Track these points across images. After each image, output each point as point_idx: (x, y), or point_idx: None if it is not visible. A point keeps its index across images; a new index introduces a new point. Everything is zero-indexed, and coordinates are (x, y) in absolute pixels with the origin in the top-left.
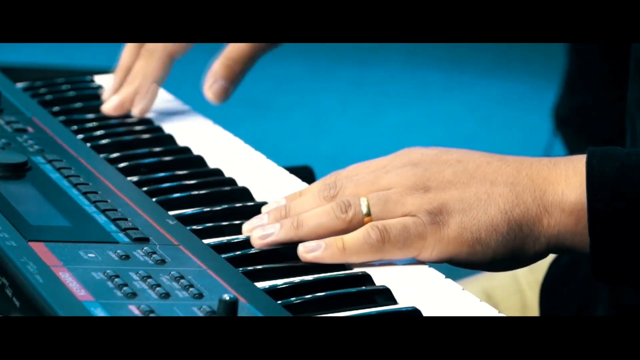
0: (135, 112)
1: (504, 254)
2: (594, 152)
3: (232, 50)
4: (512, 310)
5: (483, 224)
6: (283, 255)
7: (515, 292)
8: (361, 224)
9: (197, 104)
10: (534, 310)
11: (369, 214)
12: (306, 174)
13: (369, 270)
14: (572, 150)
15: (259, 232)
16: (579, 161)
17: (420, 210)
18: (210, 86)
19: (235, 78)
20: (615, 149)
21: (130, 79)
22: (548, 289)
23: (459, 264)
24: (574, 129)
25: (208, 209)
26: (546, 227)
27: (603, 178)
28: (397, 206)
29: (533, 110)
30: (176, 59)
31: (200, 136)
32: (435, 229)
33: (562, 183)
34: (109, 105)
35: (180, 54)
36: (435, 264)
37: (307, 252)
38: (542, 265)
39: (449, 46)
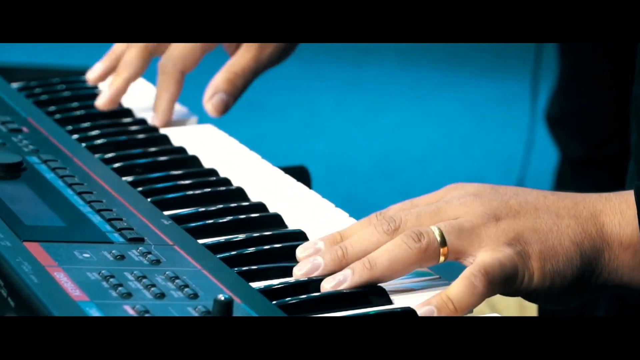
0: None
1: (574, 288)
2: None
3: (235, 64)
4: (510, 310)
5: (560, 256)
6: (279, 255)
7: None
8: (437, 253)
9: (193, 104)
10: (532, 311)
11: (444, 243)
12: (301, 174)
13: None
14: (564, 150)
15: (330, 282)
16: (630, 195)
17: (498, 242)
18: (210, 98)
19: (236, 92)
20: None
21: (119, 69)
22: None
23: (537, 299)
24: (566, 130)
25: (203, 209)
26: (607, 261)
27: None
28: (473, 235)
29: (529, 110)
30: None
31: (195, 136)
32: (522, 263)
33: (617, 216)
34: (101, 100)
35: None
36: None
37: (420, 314)
38: None
39: (445, 46)
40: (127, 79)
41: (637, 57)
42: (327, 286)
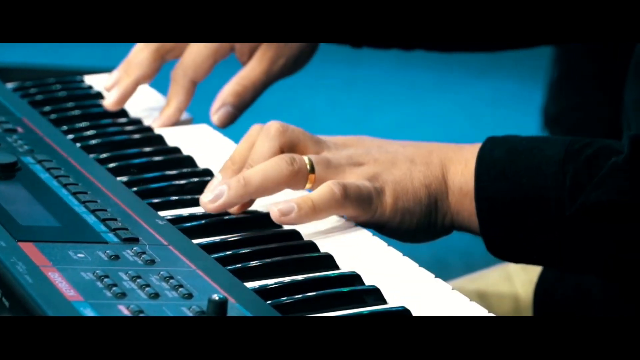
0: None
1: (422, 225)
2: (493, 138)
3: (245, 77)
4: (505, 310)
5: (410, 195)
6: (274, 254)
7: (509, 293)
8: (305, 179)
9: (191, 105)
10: (527, 311)
11: (312, 171)
12: None
13: (359, 270)
14: None
15: (208, 196)
16: (480, 146)
17: (359, 178)
18: (217, 111)
19: (243, 105)
20: (515, 137)
21: (129, 70)
22: (542, 290)
23: (389, 232)
24: (563, 129)
25: (197, 209)
26: (450, 204)
27: (491, 159)
28: (338, 170)
29: (524, 110)
30: (198, 82)
31: (190, 136)
32: (377, 195)
33: (462, 164)
34: (109, 100)
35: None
36: (374, 231)
37: (282, 215)
38: (537, 266)
39: None
40: (135, 80)
41: (632, 60)
42: (205, 199)
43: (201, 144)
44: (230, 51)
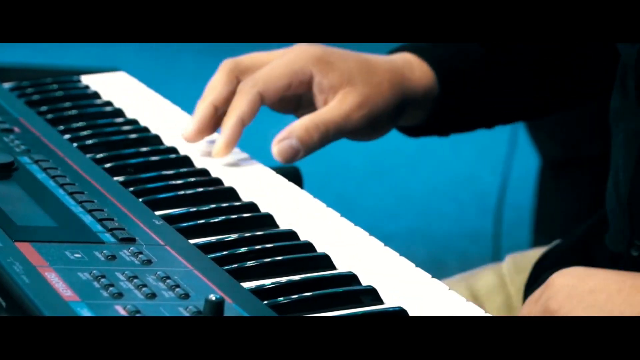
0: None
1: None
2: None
3: (320, 114)
4: (497, 310)
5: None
6: (270, 255)
7: (501, 293)
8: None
9: (185, 104)
10: (518, 311)
11: None
12: (293, 174)
13: (355, 270)
14: (543, 152)
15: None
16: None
17: None
18: (280, 142)
19: (311, 144)
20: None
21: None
22: (532, 290)
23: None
24: (543, 131)
25: (194, 209)
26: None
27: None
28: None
29: None
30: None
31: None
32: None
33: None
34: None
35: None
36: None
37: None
38: (528, 266)
39: None
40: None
41: (618, 69)
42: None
43: (198, 144)
44: (309, 81)
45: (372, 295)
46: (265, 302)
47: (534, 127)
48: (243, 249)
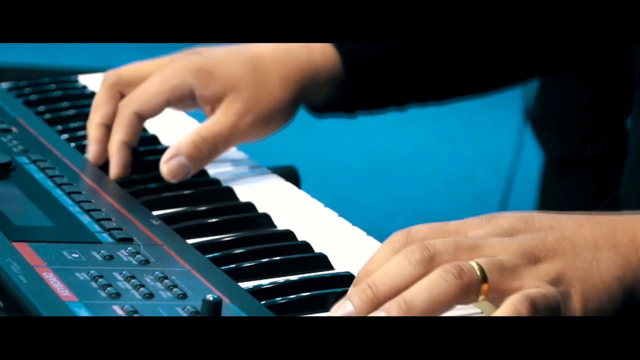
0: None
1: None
2: None
3: (206, 128)
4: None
5: (603, 293)
6: (268, 255)
7: None
8: (477, 291)
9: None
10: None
11: (484, 280)
12: (290, 174)
13: (353, 270)
14: (548, 150)
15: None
16: None
17: (540, 282)
18: (168, 160)
19: (200, 159)
20: None
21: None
22: None
23: None
24: (548, 130)
25: (192, 209)
26: None
27: None
28: (514, 274)
29: (518, 110)
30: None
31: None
32: (563, 301)
33: None
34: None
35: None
36: None
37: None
38: None
39: None
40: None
41: (635, 65)
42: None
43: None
44: (190, 95)
45: None
46: (263, 302)
47: (539, 126)
48: (241, 249)
